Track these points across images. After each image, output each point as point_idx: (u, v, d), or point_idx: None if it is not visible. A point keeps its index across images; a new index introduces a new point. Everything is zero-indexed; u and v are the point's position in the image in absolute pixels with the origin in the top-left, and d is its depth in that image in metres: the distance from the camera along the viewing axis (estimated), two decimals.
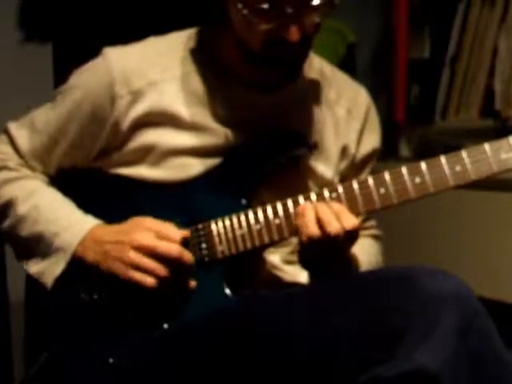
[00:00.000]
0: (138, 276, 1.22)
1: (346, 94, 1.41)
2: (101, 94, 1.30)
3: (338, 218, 1.17)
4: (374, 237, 1.49)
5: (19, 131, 1.38)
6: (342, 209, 1.19)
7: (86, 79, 1.34)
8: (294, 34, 1.17)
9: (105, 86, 1.30)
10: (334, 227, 1.16)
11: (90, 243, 1.26)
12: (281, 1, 1.16)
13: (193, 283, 1.25)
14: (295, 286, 1.34)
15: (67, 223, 1.29)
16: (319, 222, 1.17)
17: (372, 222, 1.49)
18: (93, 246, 1.26)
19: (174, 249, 1.22)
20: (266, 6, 1.16)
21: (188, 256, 1.23)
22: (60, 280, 1.29)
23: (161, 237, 1.23)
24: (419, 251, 2.27)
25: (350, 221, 1.18)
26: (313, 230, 1.17)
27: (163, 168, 1.31)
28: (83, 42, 2.11)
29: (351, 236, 1.19)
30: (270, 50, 1.21)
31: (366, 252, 1.39)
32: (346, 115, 1.40)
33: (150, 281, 1.22)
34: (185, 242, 1.25)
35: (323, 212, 1.18)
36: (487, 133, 2.15)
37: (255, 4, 1.17)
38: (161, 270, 1.22)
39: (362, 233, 1.45)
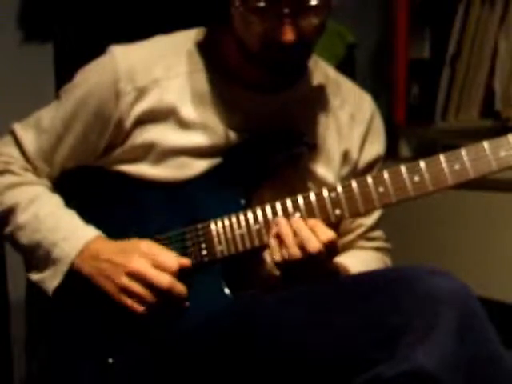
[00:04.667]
0: (127, 301, 1.23)
1: (350, 99, 1.41)
2: (106, 90, 1.30)
3: (314, 232, 1.17)
4: (378, 249, 1.47)
5: (25, 132, 1.38)
6: (316, 223, 1.19)
7: (92, 76, 1.34)
8: (288, 34, 1.17)
9: (110, 83, 1.30)
10: (312, 244, 1.16)
11: (87, 257, 1.27)
12: (277, 0, 1.16)
13: (186, 303, 1.25)
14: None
15: (66, 234, 1.29)
16: (298, 240, 1.17)
17: (378, 233, 1.47)
18: (89, 260, 1.27)
19: (165, 281, 1.22)
20: (262, 4, 1.16)
21: (179, 289, 1.23)
22: (60, 285, 1.29)
23: (156, 265, 1.23)
24: (419, 251, 2.27)
25: (326, 234, 1.17)
26: (293, 250, 1.17)
27: (164, 166, 1.31)
28: (84, 42, 2.12)
29: (330, 250, 1.19)
30: (267, 52, 1.21)
31: (364, 265, 1.36)
32: (349, 120, 1.39)
33: (138, 308, 1.23)
34: (180, 247, 1.25)
35: (302, 229, 1.18)
36: (487, 133, 2.14)
37: (252, 2, 1.17)
38: (151, 297, 1.23)
39: (366, 244, 1.45)
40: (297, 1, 1.16)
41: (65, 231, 1.29)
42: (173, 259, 1.24)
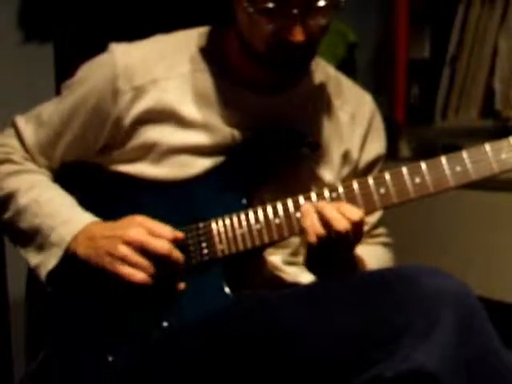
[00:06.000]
0: (125, 270, 1.22)
1: (350, 99, 1.41)
2: (104, 88, 1.31)
3: (342, 213, 1.17)
4: (384, 244, 1.48)
5: (26, 125, 1.40)
6: (343, 204, 1.19)
7: (91, 73, 1.35)
8: (298, 34, 1.18)
9: (108, 81, 1.30)
10: (341, 223, 1.15)
11: (84, 239, 1.26)
12: (286, 0, 1.16)
13: (181, 285, 1.25)
14: (296, 286, 1.34)
15: (64, 218, 1.29)
16: (325, 221, 1.16)
17: (382, 230, 1.48)
18: (85, 242, 1.26)
19: (163, 246, 1.22)
20: (271, 5, 1.17)
21: (177, 255, 1.23)
22: (59, 277, 1.29)
23: (152, 234, 1.23)
24: (419, 251, 2.27)
25: (356, 213, 1.17)
26: (320, 229, 1.16)
27: (164, 166, 1.31)
28: (84, 42, 2.12)
29: (357, 231, 1.18)
30: (275, 52, 1.22)
31: (376, 259, 1.38)
32: (349, 120, 1.40)
33: (137, 276, 1.21)
34: (179, 244, 1.25)
35: (327, 210, 1.17)
36: (487, 133, 2.15)
37: (261, 3, 1.17)
38: (149, 266, 1.22)
39: (372, 240, 1.45)
40: (306, 2, 1.17)
41: (64, 216, 1.30)
42: (168, 229, 1.24)
